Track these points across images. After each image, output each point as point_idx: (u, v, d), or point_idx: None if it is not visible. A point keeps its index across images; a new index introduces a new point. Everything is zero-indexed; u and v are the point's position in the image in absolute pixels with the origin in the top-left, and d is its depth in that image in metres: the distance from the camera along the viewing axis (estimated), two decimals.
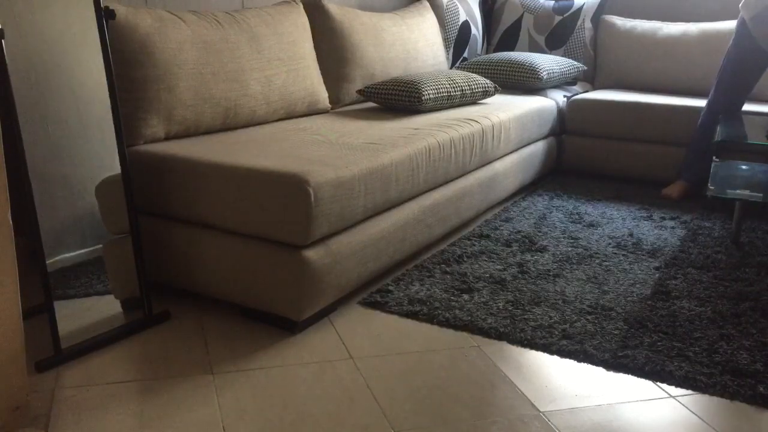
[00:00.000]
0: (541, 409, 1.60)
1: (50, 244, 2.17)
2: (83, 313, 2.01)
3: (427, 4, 3.76)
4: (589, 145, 3.58)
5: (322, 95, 2.82)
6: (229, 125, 2.40)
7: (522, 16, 4.12)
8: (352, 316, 2.04)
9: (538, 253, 2.52)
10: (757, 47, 2.99)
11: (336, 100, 3.01)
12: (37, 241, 1.71)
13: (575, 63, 3.81)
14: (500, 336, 1.92)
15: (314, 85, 2.75)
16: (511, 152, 3.09)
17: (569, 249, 2.56)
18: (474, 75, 3.11)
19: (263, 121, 2.54)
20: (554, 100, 3.57)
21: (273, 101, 2.54)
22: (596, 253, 2.52)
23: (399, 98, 2.80)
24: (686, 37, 3.82)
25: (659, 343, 1.88)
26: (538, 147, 3.38)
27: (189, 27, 2.29)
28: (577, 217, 2.95)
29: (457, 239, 2.64)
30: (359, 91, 2.94)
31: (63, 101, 2.19)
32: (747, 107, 3.31)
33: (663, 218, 2.96)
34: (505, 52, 3.77)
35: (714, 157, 2.74)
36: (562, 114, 3.63)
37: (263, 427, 1.50)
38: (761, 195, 2.48)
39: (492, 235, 2.68)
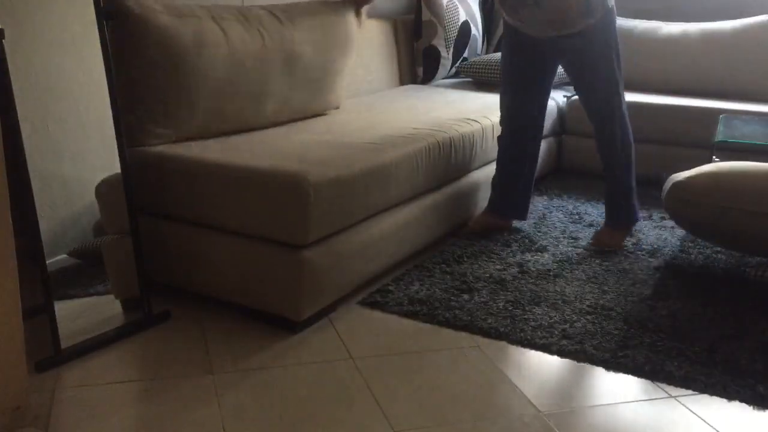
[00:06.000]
0: (541, 409, 1.60)
1: (50, 244, 2.17)
2: (83, 313, 2.01)
3: None
4: (589, 145, 3.55)
5: (335, 104, 2.76)
6: (232, 133, 2.34)
7: None
8: (352, 316, 2.04)
9: (538, 253, 2.52)
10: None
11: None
12: (37, 241, 1.71)
13: None
14: (500, 336, 1.92)
15: (335, 99, 2.69)
16: None
17: (569, 249, 2.56)
18: None
19: (266, 127, 2.48)
20: (554, 100, 3.57)
21: (283, 116, 2.48)
22: (596, 253, 2.52)
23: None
24: (686, 37, 3.81)
25: (659, 343, 1.88)
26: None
27: (227, 43, 2.17)
28: (577, 217, 2.95)
29: (457, 239, 2.64)
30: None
31: (63, 101, 2.19)
32: (747, 107, 3.31)
33: (663, 218, 2.96)
34: None
35: (714, 157, 2.74)
36: (562, 114, 3.63)
37: (263, 427, 1.50)
38: None
39: (492, 235, 2.68)
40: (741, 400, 1.64)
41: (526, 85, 2.57)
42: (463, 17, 3.90)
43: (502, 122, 2.66)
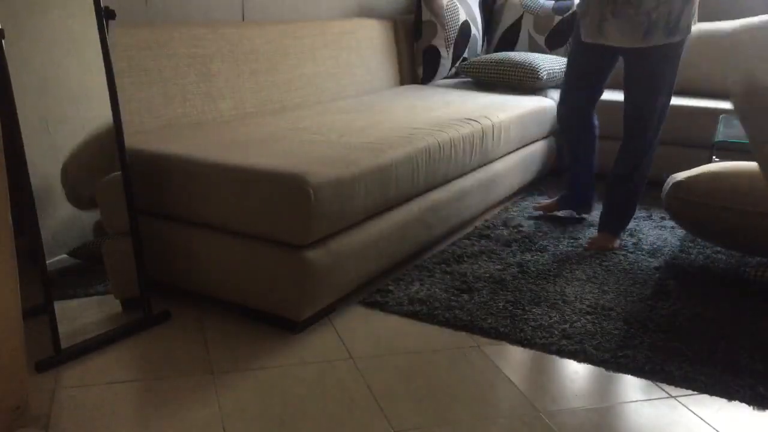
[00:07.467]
0: (541, 410, 1.60)
1: (50, 244, 2.17)
2: (83, 313, 2.01)
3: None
4: None
5: None
6: None
7: (522, 16, 4.12)
8: (352, 316, 2.04)
9: (538, 253, 2.52)
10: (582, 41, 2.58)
11: None
12: (37, 241, 1.71)
13: None
14: (500, 336, 1.92)
15: None
16: (511, 152, 3.09)
17: (569, 249, 2.56)
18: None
19: None
20: (554, 100, 3.57)
21: None
22: (596, 253, 2.52)
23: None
24: None
25: (659, 343, 1.88)
26: (538, 147, 3.38)
27: None
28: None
29: (457, 239, 2.64)
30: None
31: (63, 101, 2.19)
32: None
33: (663, 218, 2.96)
34: (505, 52, 3.77)
35: (714, 157, 2.74)
36: None
37: (263, 427, 1.50)
38: None
39: (492, 235, 2.68)
40: (741, 400, 1.65)
41: (593, 81, 2.64)
42: (463, 17, 3.91)
43: (562, 121, 2.81)
